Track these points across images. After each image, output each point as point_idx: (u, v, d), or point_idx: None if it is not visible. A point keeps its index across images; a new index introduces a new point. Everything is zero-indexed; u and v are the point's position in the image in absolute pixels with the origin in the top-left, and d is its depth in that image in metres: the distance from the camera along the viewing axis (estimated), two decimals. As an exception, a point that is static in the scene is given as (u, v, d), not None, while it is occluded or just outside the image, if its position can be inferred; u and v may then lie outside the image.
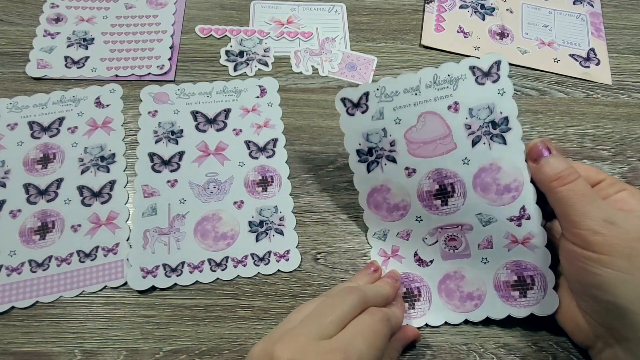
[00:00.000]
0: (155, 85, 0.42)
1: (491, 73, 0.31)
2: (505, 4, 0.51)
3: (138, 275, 0.34)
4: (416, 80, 0.32)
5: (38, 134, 0.39)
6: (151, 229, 0.36)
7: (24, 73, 0.42)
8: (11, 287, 0.33)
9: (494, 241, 0.32)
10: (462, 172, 0.31)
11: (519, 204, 0.30)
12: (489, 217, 0.31)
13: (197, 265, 0.35)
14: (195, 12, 0.48)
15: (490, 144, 0.31)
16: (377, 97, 0.33)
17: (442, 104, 0.32)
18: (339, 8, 0.49)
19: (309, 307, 0.28)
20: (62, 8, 0.46)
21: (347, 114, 0.33)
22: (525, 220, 0.30)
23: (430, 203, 0.33)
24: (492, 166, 0.31)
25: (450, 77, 0.31)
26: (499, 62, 0.31)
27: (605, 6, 0.52)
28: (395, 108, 0.32)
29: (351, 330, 0.26)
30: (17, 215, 0.36)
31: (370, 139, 0.33)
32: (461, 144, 0.31)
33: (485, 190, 0.31)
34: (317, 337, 0.25)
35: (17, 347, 0.32)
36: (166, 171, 0.38)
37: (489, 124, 0.31)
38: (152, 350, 0.32)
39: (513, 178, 0.30)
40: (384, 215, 0.35)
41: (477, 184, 0.31)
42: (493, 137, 0.31)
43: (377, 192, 0.34)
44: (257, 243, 0.36)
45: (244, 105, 0.42)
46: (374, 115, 0.33)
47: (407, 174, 0.33)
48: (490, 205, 0.31)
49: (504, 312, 0.31)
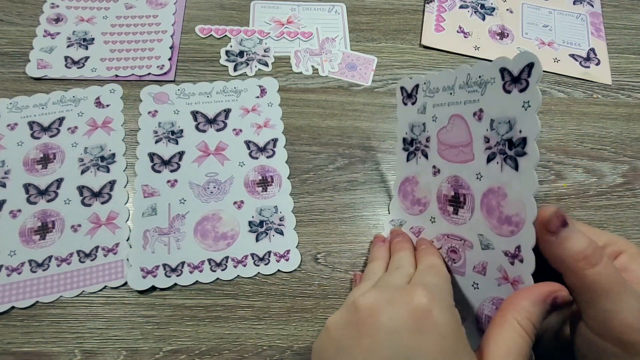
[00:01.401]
0: (155, 85, 0.42)
1: (520, 79, 0.27)
2: (505, 4, 0.51)
3: (138, 275, 0.34)
4: (452, 79, 0.31)
5: (38, 134, 0.39)
6: (151, 229, 0.36)
7: (24, 73, 0.42)
8: (11, 287, 0.33)
9: (487, 269, 0.30)
10: (474, 186, 0.31)
11: (515, 242, 0.27)
12: (488, 242, 0.30)
13: (197, 265, 0.35)
14: (195, 12, 0.48)
15: (502, 166, 0.29)
16: (423, 92, 0.34)
17: (469, 109, 0.31)
18: (339, 8, 0.49)
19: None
20: (62, 8, 0.46)
21: (403, 103, 0.35)
22: (518, 262, 0.27)
23: (444, 207, 0.33)
24: (500, 190, 0.29)
25: (481, 80, 0.30)
26: (531, 64, 0.26)
27: (605, 6, 0.52)
28: (435, 105, 0.33)
29: (417, 276, 0.28)
30: (17, 215, 0.36)
31: (413, 130, 0.35)
32: (478, 156, 0.30)
33: (490, 213, 0.30)
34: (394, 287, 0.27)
35: (17, 347, 0.32)
36: (166, 171, 0.38)
37: (506, 141, 0.29)
38: (152, 350, 0.32)
39: (515, 212, 0.28)
40: (407, 207, 0.36)
41: (483, 204, 0.30)
42: (507, 159, 0.29)
43: (408, 183, 0.36)
44: (257, 243, 0.36)
45: (244, 105, 0.42)
46: (419, 109, 0.34)
47: (433, 172, 0.33)
48: (491, 230, 0.29)
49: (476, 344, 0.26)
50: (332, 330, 0.25)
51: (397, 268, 0.30)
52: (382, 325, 0.23)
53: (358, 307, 0.24)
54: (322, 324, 0.33)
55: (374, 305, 0.24)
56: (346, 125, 0.42)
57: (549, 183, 0.41)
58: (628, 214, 0.40)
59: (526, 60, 0.26)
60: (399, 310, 0.23)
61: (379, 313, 0.23)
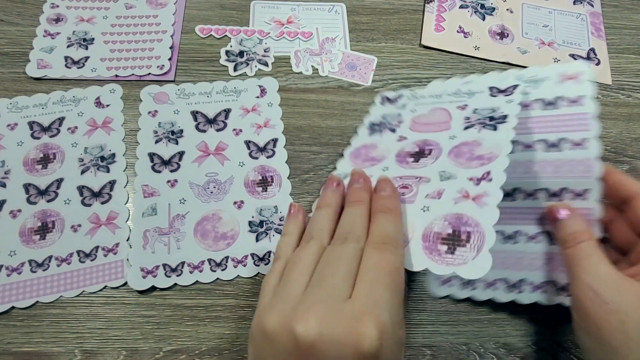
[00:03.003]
0: (155, 85, 0.42)
1: (507, 91, 0.34)
2: (505, 4, 0.51)
3: (138, 275, 0.34)
4: (441, 90, 0.38)
5: (38, 134, 0.39)
6: (151, 229, 0.36)
7: (24, 73, 0.42)
8: (11, 287, 0.33)
9: (444, 194, 0.29)
10: (444, 143, 0.33)
11: (484, 169, 0.29)
12: (449, 175, 0.30)
13: (197, 265, 0.35)
14: (195, 12, 0.48)
15: (480, 130, 0.33)
16: (408, 98, 0.40)
17: (454, 105, 0.36)
18: (339, 8, 0.49)
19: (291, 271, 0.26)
20: (62, 8, 0.46)
21: (380, 104, 0.41)
22: (485, 182, 0.28)
23: (403, 160, 0.34)
24: (474, 142, 0.32)
25: (470, 91, 0.36)
26: (516, 85, 0.34)
27: (605, 6, 0.52)
28: (416, 104, 0.38)
29: (367, 281, 0.24)
30: (17, 215, 0.36)
31: (385, 118, 0.39)
32: (455, 126, 0.34)
33: (457, 156, 0.31)
34: (335, 302, 0.23)
35: (17, 347, 0.32)
36: (166, 171, 0.38)
37: (487, 117, 0.33)
38: (152, 350, 0.32)
39: (490, 151, 0.30)
40: (357, 163, 0.37)
41: (452, 152, 0.32)
42: (486, 126, 0.33)
43: (364, 148, 0.38)
44: (257, 243, 0.36)
45: (244, 105, 0.42)
46: (397, 107, 0.40)
47: (397, 140, 0.36)
48: (456, 166, 0.31)
49: (422, 264, 0.27)
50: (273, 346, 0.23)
51: (344, 239, 0.26)
52: None
53: (299, 341, 0.22)
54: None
55: (316, 343, 0.22)
56: (346, 125, 0.42)
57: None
58: (628, 214, 0.40)
59: (511, 82, 0.34)
60: (343, 351, 0.22)
61: (322, 354, 0.22)
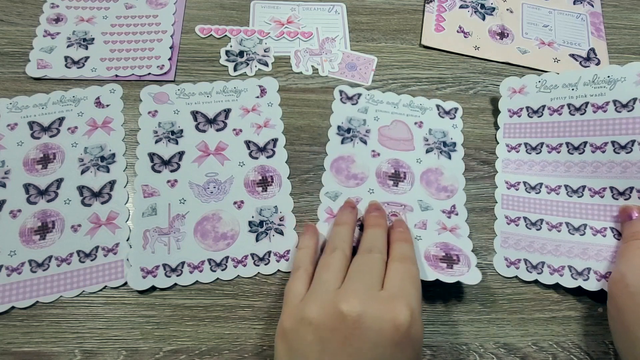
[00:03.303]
0: (155, 85, 0.42)
1: (449, 113, 0.43)
2: (505, 4, 0.51)
3: (138, 275, 0.34)
4: (397, 99, 0.43)
5: (38, 134, 0.39)
6: (151, 229, 0.36)
7: (24, 73, 0.42)
8: (11, 287, 0.33)
9: (428, 224, 0.37)
10: (414, 167, 0.40)
11: (451, 203, 0.38)
12: (427, 205, 0.38)
13: (197, 265, 0.35)
14: (195, 12, 0.48)
15: (439, 155, 0.40)
16: (366, 99, 0.43)
17: (411, 119, 0.42)
18: (339, 8, 0.49)
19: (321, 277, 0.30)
20: (62, 8, 0.46)
21: (341, 102, 0.43)
22: (454, 215, 0.38)
23: (384, 181, 0.39)
24: (437, 170, 0.39)
25: (421, 106, 0.42)
26: (457, 108, 0.43)
27: (605, 6, 0.52)
28: (377, 110, 0.42)
29: (396, 279, 0.29)
30: (17, 215, 0.36)
31: (351, 122, 0.41)
32: (418, 148, 0.41)
33: (428, 185, 0.39)
34: (371, 289, 0.28)
35: (17, 347, 0.32)
36: (166, 171, 0.38)
37: (441, 142, 0.41)
38: (152, 350, 0.32)
39: (450, 183, 0.39)
40: (342, 180, 0.39)
41: (423, 179, 0.39)
42: (442, 152, 0.40)
43: (342, 160, 0.40)
44: (257, 243, 0.36)
45: (244, 105, 0.42)
46: (360, 109, 0.42)
47: (372, 155, 0.40)
48: (430, 197, 0.38)
49: (433, 276, 0.33)
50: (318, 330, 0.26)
51: (369, 251, 0.31)
52: (368, 338, 0.25)
53: (346, 317, 0.26)
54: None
55: (361, 318, 0.26)
56: (346, 125, 0.42)
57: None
58: (628, 214, 0.40)
59: (454, 105, 0.43)
60: (383, 325, 0.26)
61: (366, 327, 0.26)
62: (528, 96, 0.39)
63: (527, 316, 0.35)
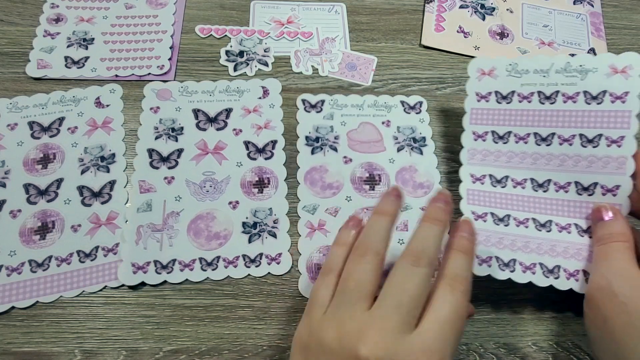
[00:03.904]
0: (159, 82, 0.42)
1: (415, 108, 0.43)
2: (505, 4, 0.51)
3: (129, 271, 0.34)
4: (361, 100, 0.43)
5: (38, 134, 0.39)
6: (145, 224, 0.36)
7: (24, 73, 0.42)
8: (11, 287, 0.33)
9: (409, 225, 0.37)
10: (388, 168, 0.40)
11: (427, 198, 0.37)
12: (406, 205, 0.38)
13: (188, 264, 0.35)
14: (195, 12, 0.48)
15: (410, 153, 0.41)
16: (330, 105, 0.43)
17: (378, 120, 0.42)
18: (339, 8, 0.49)
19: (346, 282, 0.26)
20: (62, 8, 0.46)
21: (305, 111, 0.42)
22: None
23: (360, 187, 0.39)
24: (411, 167, 0.40)
25: (386, 104, 0.43)
26: (421, 102, 0.43)
27: (605, 6, 0.52)
28: (343, 115, 0.42)
29: (438, 320, 0.24)
30: (17, 215, 0.36)
31: (319, 131, 0.41)
32: (389, 148, 0.41)
33: (405, 184, 0.39)
34: (402, 330, 0.23)
35: (17, 347, 0.32)
36: (164, 168, 0.38)
37: (411, 138, 0.41)
38: (152, 350, 0.32)
39: (426, 179, 0.40)
40: (317, 191, 0.39)
41: (398, 178, 0.39)
42: (413, 148, 0.41)
43: (315, 171, 0.39)
44: (250, 244, 0.36)
45: (246, 105, 0.42)
46: (325, 116, 0.42)
47: (344, 161, 0.40)
48: (408, 195, 0.39)
49: None
50: (330, 357, 0.24)
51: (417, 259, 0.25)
52: None
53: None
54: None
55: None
56: (346, 125, 0.42)
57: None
58: (628, 214, 0.40)
59: (418, 99, 0.43)
60: None
61: None
62: (498, 80, 0.36)
63: (527, 316, 0.35)
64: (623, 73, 0.33)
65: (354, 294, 0.25)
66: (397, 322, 0.23)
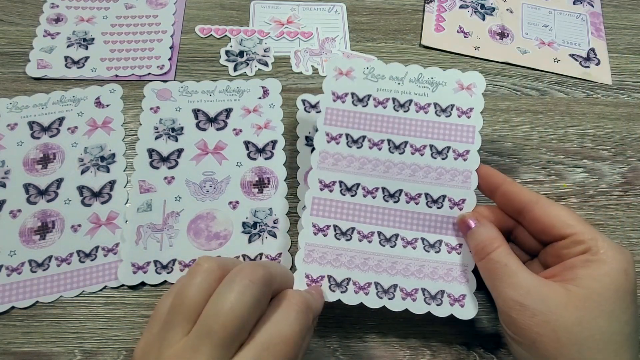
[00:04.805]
0: (159, 82, 0.42)
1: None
2: (505, 4, 0.51)
3: (129, 271, 0.34)
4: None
5: (38, 134, 0.39)
6: (145, 224, 0.36)
7: (24, 73, 0.42)
8: (11, 287, 0.33)
9: None
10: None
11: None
12: None
13: (188, 264, 0.35)
14: (195, 12, 0.48)
15: None
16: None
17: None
18: (339, 8, 0.49)
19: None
20: (62, 8, 0.46)
21: (305, 111, 0.43)
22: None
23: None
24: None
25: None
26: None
27: (605, 6, 0.52)
28: None
29: (260, 343, 0.21)
30: (17, 215, 0.36)
31: None
32: None
33: None
34: (219, 347, 0.20)
35: (17, 347, 0.32)
36: (164, 168, 0.38)
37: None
38: (152, 350, 0.32)
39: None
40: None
41: None
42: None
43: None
44: (250, 245, 0.36)
45: (246, 105, 0.42)
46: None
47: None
48: None
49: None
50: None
51: (239, 298, 0.21)
52: None
53: None
54: (322, 323, 0.33)
55: None
56: (346, 125, 0.42)
57: (549, 183, 0.41)
58: (628, 214, 0.40)
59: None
60: None
61: None
62: (355, 81, 0.35)
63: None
64: (468, 90, 0.34)
65: (178, 315, 0.22)
66: (213, 343, 0.20)
